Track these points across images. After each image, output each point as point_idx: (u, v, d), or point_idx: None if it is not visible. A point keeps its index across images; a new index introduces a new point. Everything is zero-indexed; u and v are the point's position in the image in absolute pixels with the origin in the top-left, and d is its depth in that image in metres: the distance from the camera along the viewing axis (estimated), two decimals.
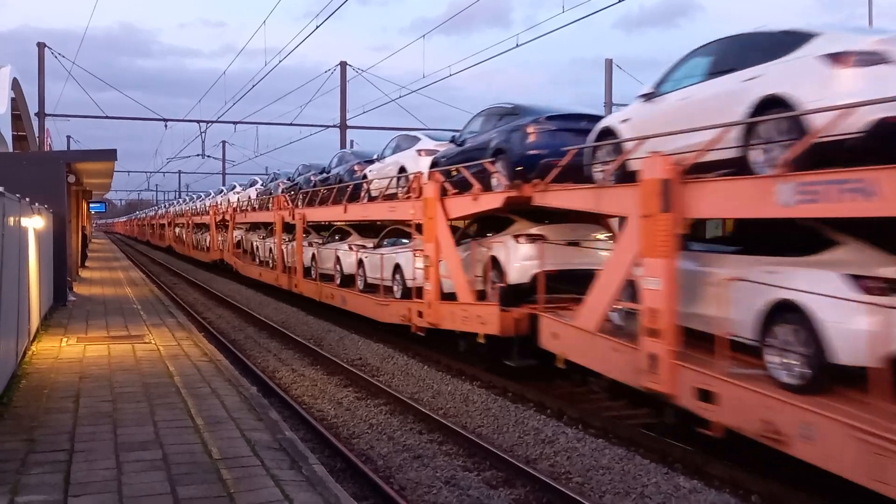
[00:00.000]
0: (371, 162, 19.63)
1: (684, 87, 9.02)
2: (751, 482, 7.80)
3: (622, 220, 10.15)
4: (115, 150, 20.88)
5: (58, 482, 6.32)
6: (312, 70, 44.82)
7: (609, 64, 31.77)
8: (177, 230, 54.56)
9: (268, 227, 28.71)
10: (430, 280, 14.10)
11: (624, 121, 9.97)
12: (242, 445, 7.50)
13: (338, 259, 20.11)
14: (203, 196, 52.38)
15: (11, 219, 10.28)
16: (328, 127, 40.68)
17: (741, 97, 7.77)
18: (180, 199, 67.70)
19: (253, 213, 31.69)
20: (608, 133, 10.25)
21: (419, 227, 14.65)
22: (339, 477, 8.14)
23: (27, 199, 12.71)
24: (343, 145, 38.53)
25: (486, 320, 12.16)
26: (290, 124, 41.08)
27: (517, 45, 23.56)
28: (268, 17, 30.44)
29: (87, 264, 35.56)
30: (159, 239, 67.00)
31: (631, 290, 9.43)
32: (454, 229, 14.35)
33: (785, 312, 7.22)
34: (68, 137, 55.58)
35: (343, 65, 37.99)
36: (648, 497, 7.75)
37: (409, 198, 15.52)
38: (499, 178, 12.24)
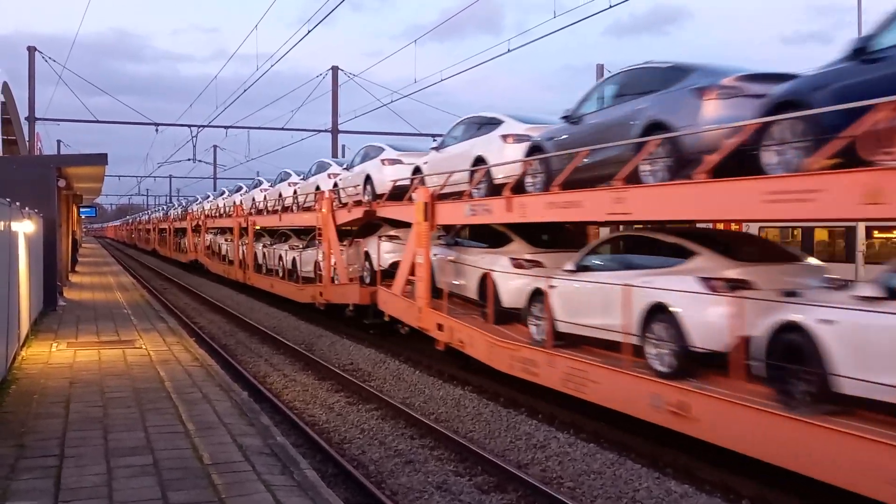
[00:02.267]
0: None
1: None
2: (741, 486, 7.83)
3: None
4: (105, 155, 20.81)
5: (48, 488, 6.28)
6: (305, 76, 45.27)
7: (600, 70, 31.88)
8: (160, 235, 59.75)
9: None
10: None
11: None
12: (234, 451, 7.47)
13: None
14: (182, 203, 55.04)
15: (1, 223, 10.24)
16: (319, 132, 40.67)
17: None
18: (163, 206, 70.87)
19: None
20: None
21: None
22: (331, 482, 8.12)
23: (17, 204, 12.65)
24: (334, 150, 38.50)
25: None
26: (282, 129, 41.07)
27: (508, 51, 23.66)
28: (259, 21, 30.43)
29: (77, 269, 35.42)
30: (145, 243, 71.52)
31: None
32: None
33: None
34: (59, 142, 55.45)
35: (335, 69, 37.97)
36: (640, 501, 7.77)
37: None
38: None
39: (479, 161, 13.22)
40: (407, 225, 15.44)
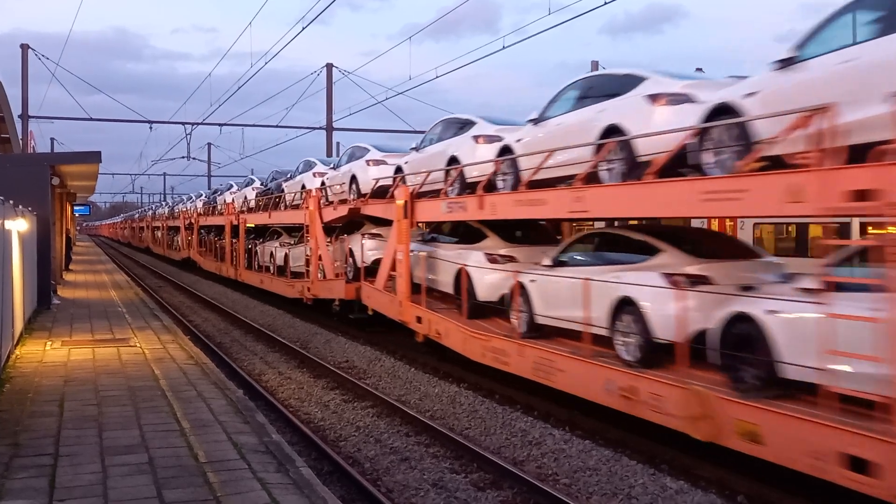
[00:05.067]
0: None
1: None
2: (737, 483, 7.85)
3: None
4: (99, 153, 20.74)
5: (43, 486, 6.27)
6: (302, 74, 44.88)
7: (595, 67, 31.84)
8: (155, 233, 59.22)
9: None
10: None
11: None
12: (229, 449, 7.46)
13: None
14: (173, 202, 55.63)
15: None
16: (314, 129, 40.63)
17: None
18: (157, 204, 71.14)
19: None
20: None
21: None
22: (327, 480, 8.12)
23: (10, 202, 12.61)
24: (329, 147, 38.48)
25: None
26: (276, 126, 41.03)
27: (503, 48, 23.71)
28: (253, 18, 30.40)
29: (71, 267, 35.32)
30: (139, 241, 70.88)
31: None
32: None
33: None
34: (52, 140, 55.23)
35: (329, 66, 37.92)
36: (635, 498, 7.77)
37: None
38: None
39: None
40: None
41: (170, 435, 7.88)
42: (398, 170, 16.67)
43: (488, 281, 12.83)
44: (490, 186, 12.25)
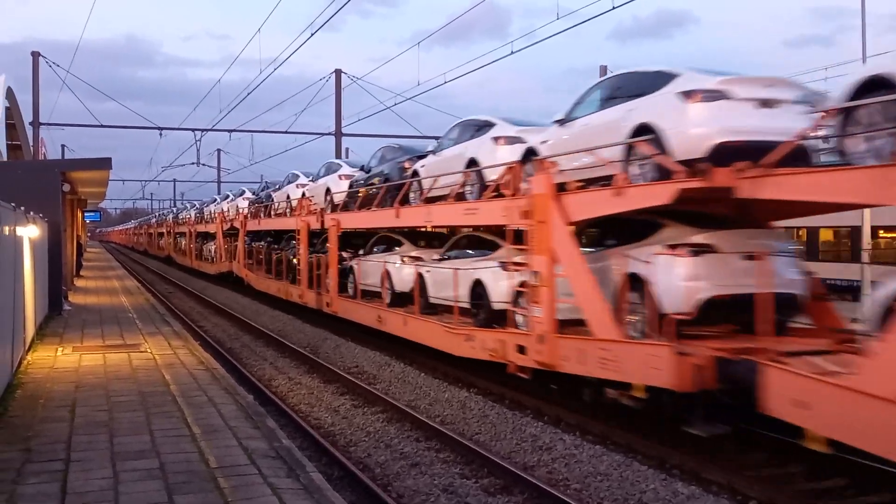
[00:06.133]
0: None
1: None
2: (748, 487, 7.80)
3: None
4: (109, 159, 20.84)
5: (54, 492, 6.29)
6: (311, 80, 45.03)
7: (603, 71, 31.84)
8: (178, 240, 51.23)
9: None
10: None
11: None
12: (239, 454, 7.47)
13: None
14: (202, 202, 50.08)
15: (6, 228, 10.25)
16: (323, 135, 40.72)
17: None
18: (181, 206, 64.95)
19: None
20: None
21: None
22: (337, 485, 8.10)
23: (22, 208, 12.68)
24: (338, 153, 38.53)
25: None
26: (285, 132, 41.06)
27: (511, 53, 23.79)
28: (262, 24, 30.51)
29: (82, 273, 35.48)
30: (157, 249, 63.72)
31: None
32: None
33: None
34: (63, 146, 55.54)
35: (338, 72, 38.01)
36: (646, 503, 7.74)
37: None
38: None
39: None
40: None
41: (180, 440, 7.90)
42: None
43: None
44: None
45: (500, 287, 12.18)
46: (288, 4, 22.88)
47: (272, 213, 27.42)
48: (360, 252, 18.82)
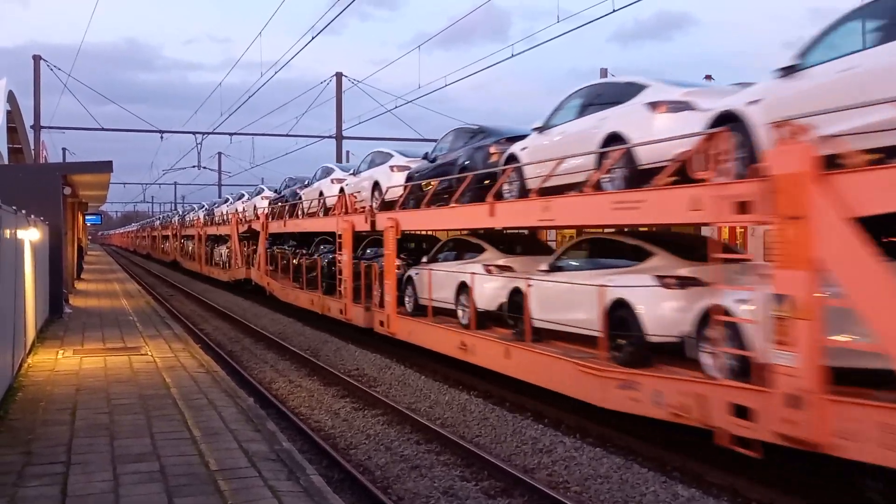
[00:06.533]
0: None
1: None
2: (749, 490, 7.80)
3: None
4: (110, 162, 20.88)
5: (55, 494, 6.30)
6: (312, 83, 45.11)
7: (604, 74, 31.84)
8: (185, 243, 48.15)
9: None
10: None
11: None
12: (240, 456, 7.48)
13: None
14: (211, 203, 47.30)
15: (7, 231, 10.27)
16: (324, 138, 40.76)
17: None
18: (186, 208, 61.35)
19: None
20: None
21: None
22: (337, 488, 8.11)
23: (23, 211, 12.70)
24: (338, 156, 38.59)
25: None
26: (286, 135, 41.16)
27: (512, 55, 23.66)
28: (263, 28, 30.54)
29: (82, 276, 35.50)
30: (162, 253, 61.31)
31: None
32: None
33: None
34: (64, 150, 55.58)
35: (339, 75, 38.07)
36: None
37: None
38: None
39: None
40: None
41: (181, 443, 7.90)
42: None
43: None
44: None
45: (658, 312, 8.99)
46: (289, 8, 22.91)
47: (300, 213, 24.27)
48: (421, 259, 15.91)
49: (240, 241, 31.27)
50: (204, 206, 49.47)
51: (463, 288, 13.43)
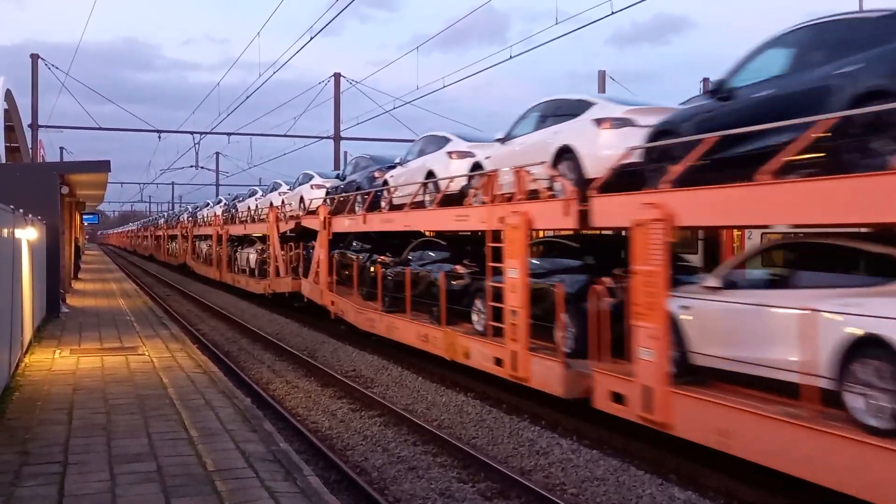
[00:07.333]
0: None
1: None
2: (745, 493, 7.82)
3: None
4: (108, 162, 20.85)
5: (52, 494, 6.29)
6: (310, 84, 45.10)
7: (602, 76, 31.86)
8: (196, 245, 42.73)
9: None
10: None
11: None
12: (237, 457, 7.48)
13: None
14: (228, 198, 42.78)
15: (4, 230, 10.27)
16: (322, 138, 40.76)
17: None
18: (200, 203, 54.23)
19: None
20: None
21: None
22: (334, 489, 8.11)
23: (20, 211, 12.69)
24: (336, 157, 38.58)
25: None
26: (284, 136, 41.17)
27: (510, 57, 23.72)
28: (262, 28, 30.54)
29: (80, 276, 35.45)
30: (166, 255, 55.74)
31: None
32: None
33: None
34: (61, 149, 55.52)
35: (337, 76, 38.07)
36: None
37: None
38: None
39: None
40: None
41: (178, 443, 7.90)
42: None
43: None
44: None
45: None
46: (287, 8, 22.94)
47: (385, 205, 17.06)
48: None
49: (280, 244, 24.97)
50: (222, 200, 44.16)
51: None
